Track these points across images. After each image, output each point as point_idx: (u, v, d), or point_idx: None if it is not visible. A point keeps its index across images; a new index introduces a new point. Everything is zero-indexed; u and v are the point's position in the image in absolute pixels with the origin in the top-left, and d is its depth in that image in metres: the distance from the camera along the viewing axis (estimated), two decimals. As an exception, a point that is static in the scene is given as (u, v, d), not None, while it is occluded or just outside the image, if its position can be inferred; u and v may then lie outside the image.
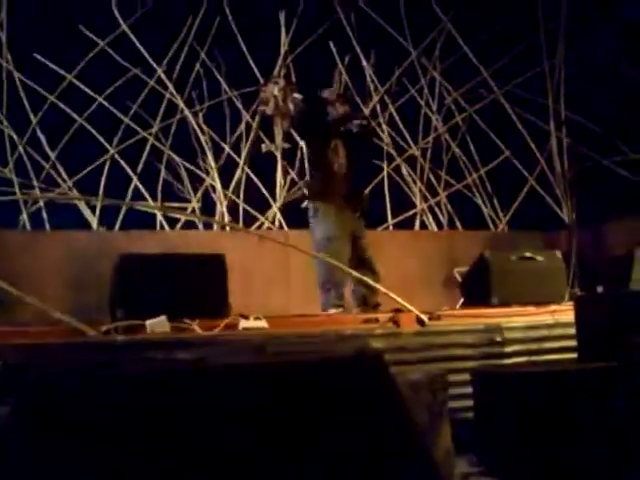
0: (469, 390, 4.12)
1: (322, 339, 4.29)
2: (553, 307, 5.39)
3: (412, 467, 1.97)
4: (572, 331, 4.59)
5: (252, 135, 8.58)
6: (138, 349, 4.29)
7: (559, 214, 8.99)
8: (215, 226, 8.30)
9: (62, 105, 8.01)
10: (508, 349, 4.85)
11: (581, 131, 8.84)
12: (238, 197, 8.48)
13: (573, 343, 4.55)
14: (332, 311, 5.95)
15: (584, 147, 8.78)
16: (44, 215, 7.72)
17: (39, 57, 7.87)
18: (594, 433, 3.48)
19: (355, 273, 5.86)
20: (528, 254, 6.08)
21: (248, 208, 8.48)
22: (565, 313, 5.12)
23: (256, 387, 1.80)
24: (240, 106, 8.76)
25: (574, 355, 4.50)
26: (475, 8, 8.89)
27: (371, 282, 5.70)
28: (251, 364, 1.94)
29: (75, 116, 8.05)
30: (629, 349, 3.74)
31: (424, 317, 4.93)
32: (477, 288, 5.96)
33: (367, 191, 7.68)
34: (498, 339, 4.86)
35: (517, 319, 5.09)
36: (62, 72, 8.02)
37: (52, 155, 7.91)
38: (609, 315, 3.96)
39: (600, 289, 6.24)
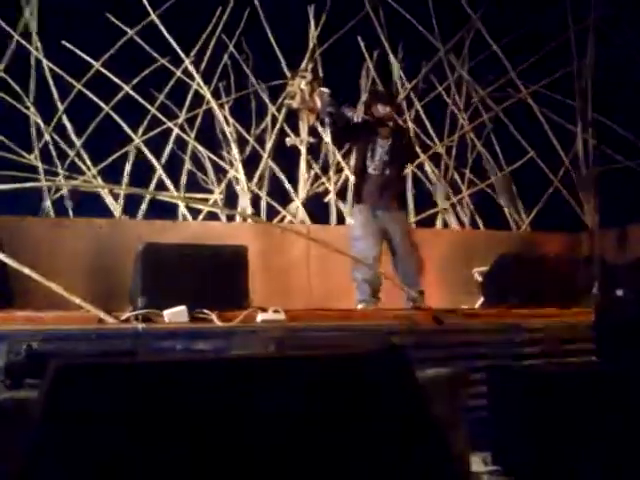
0: (485, 389, 4.11)
1: (340, 334, 4.30)
2: (573, 309, 5.38)
3: (431, 462, 1.97)
4: (591, 334, 4.57)
5: (277, 128, 8.59)
6: (156, 338, 4.32)
7: (582, 217, 8.94)
8: (237, 218, 8.31)
9: (89, 93, 8.05)
10: (526, 350, 4.84)
11: (607, 133, 8.77)
12: (261, 189, 8.49)
13: (592, 346, 4.53)
14: (360, 307, 5.99)
15: (610, 149, 8.72)
16: (68, 202, 7.77)
17: (68, 45, 7.91)
18: (609, 435, 3.46)
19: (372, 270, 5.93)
20: (549, 255, 6.06)
21: (271, 201, 8.49)
22: (585, 315, 5.09)
23: (274, 380, 1.80)
24: (266, 99, 8.76)
25: (591, 357, 4.48)
26: (504, 6, 8.85)
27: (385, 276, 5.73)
28: (273, 357, 1.94)
29: (102, 104, 8.08)
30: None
31: (443, 315, 4.93)
32: (497, 288, 5.95)
33: None
34: (517, 339, 4.86)
35: (536, 320, 5.08)
36: (90, 60, 8.05)
37: (77, 143, 7.95)
38: (628, 318, 3.93)
39: (620, 292, 6.21)
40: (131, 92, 8.20)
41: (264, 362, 1.88)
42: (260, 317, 4.69)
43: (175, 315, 4.58)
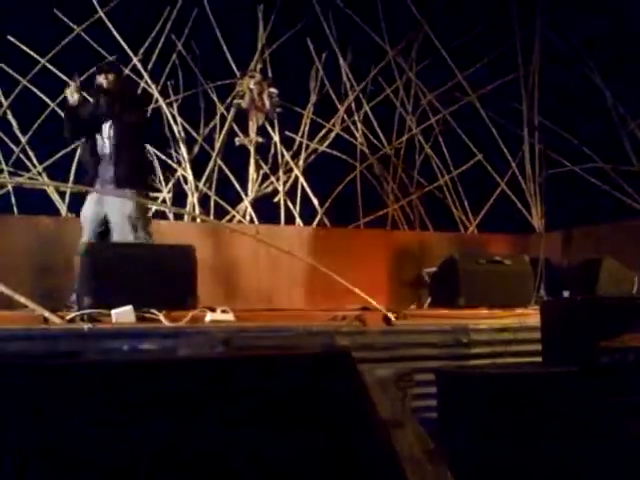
0: (433, 390, 4.13)
1: (288, 334, 4.29)
2: (519, 310, 5.43)
3: (377, 463, 1.97)
4: (537, 335, 4.62)
5: (226, 128, 8.55)
6: (103, 338, 4.26)
7: (528, 219, 9.07)
8: (186, 217, 8.26)
9: (34, 89, 7.93)
10: (474, 350, 4.88)
11: (553, 138, 8.91)
12: (210, 189, 8.45)
13: (538, 347, 4.58)
14: None
15: (555, 153, 8.86)
16: (12, 199, 7.64)
17: (13, 40, 7.78)
18: (555, 435, 3.51)
19: None
20: (496, 257, 6.13)
21: (219, 201, 8.45)
22: (531, 317, 5.15)
23: (221, 381, 1.79)
24: (215, 98, 8.72)
25: (538, 359, 4.53)
26: (452, 11, 8.93)
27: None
28: (217, 358, 1.93)
29: (48, 101, 7.97)
30: (594, 354, 3.77)
31: (391, 316, 4.94)
32: (445, 289, 6.00)
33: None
34: (464, 340, 4.89)
35: (483, 321, 5.12)
36: (36, 56, 7.93)
37: (23, 139, 7.83)
38: (574, 320, 3.99)
39: (566, 294, 6.30)
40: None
41: (208, 364, 1.86)
42: (209, 317, 4.66)
43: (122, 315, 4.52)
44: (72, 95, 5.94)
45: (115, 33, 8.25)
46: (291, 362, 1.91)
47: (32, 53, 7.92)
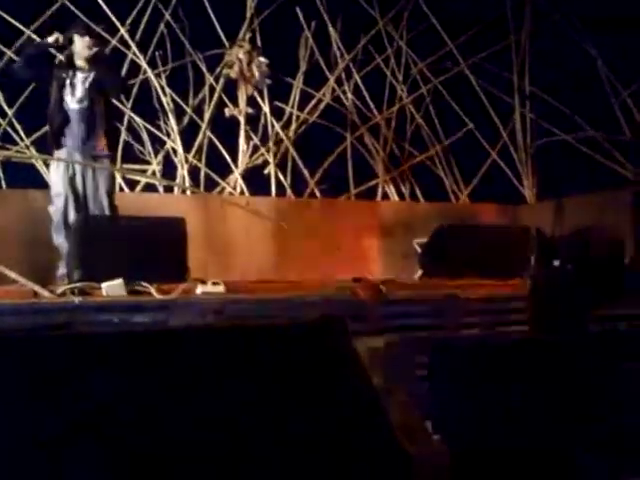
0: (425, 360, 4.14)
1: (280, 305, 4.29)
2: (513, 281, 5.44)
3: (372, 429, 1.98)
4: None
5: (215, 99, 8.48)
6: (93, 311, 4.26)
7: (520, 189, 9.07)
8: (176, 190, 8.22)
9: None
10: (465, 320, 4.89)
11: (545, 107, 8.89)
12: (200, 161, 8.40)
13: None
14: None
15: (547, 123, 8.85)
16: (0, 173, 7.59)
17: (-2, 11, 7.68)
18: (545, 404, 3.52)
19: None
20: (488, 227, 6.12)
21: (209, 172, 8.41)
22: (523, 287, 5.15)
23: (217, 350, 1.78)
24: (204, 69, 8.64)
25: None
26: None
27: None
28: (212, 326, 1.92)
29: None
30: (584, 323, 3.78)
31: (383, 286, 4.94)
32: (436, 259, 6.00)
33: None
34: (455, 310, 4.90)
35: (475, 291, 5.13)
36: (21, 27, 7.83)
37: (9, 112, 7.75)
38: (564, 289, 3.99)
39: (557, 263, 6.30)
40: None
41: (200, 332, 1.86)
42: (199, 289, 4.65)
43: (113, 288, 4.52)
44: (56, 37, 5.89)
45: (101, 2, 8.14)
46: (285, 330, 1.91)
47: (17, 24, 7.82)
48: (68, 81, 5.91)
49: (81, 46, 5.97)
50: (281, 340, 1.88)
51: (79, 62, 5.98)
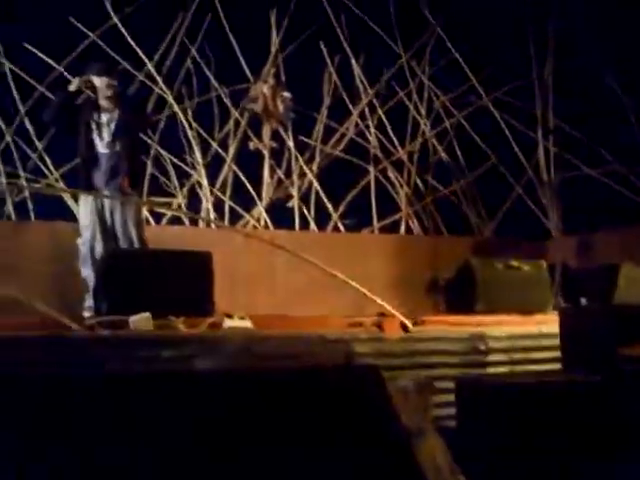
0: (451, 398, 4.12)
1: (307, 342, 4.28)
2: (538, 317, 5.40)
3: (403, 473, 1.97)
4: (556, 342, 4.60)
5: (240, 133, 8.56)
6: (121, 345, 4.26)
7: (545, 223, 9.04)
8: (200, 222, 8.27)
9: (51, 96, 7.94)
10: (491, 358, 4.85)
11: (569, 140, 8.89)
12: (224, 194, 8.46)
13: (556, 354, 4.56)
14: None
15: (571, 156, 8.84)
16: (29, 205, 7.67)
17: (30, 47, 7.81)
18: (573, 444, 3.49)
19: None
20: (514, 263, 6.10)
21: (234, 205, 8.46)
22: (549, 323, 5.12)
23: (246, 394, 1.79)
24: (229, 103, 8.73)
25: (557, 366, 4.51)
26: (466, 14, 8.92)
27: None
28: (241, 369, 1.93)
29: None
30: (614, 362, 3.75)
31: (408, 322, 4.93)
32: (461, 295, 5.98)
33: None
34: (482, 347, 4.86)
35: (501, 328, 5.09)
36: (52, 63, 7.96)
37: (40, 146, 7.85)
38: (594, 328, 3.97)
39: (583, 300, 6.27)
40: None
41: (235, 376, 1.87)
42: (226, 323, 4.67)
43: (140, 321, 4.53)
44: (76, 83, 5.94)
45: (129, 39, 8.26)
46: (316, 373, 1.92)
47: (48, 60, 7.94)
48: (94, 124, 5.97)
49: (101, 87, 6.01)
50: (313, 384, 1.89)
51: (102, 103, 6.02)
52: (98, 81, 6.02)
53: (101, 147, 5.95)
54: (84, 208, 5.99)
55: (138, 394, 1.81)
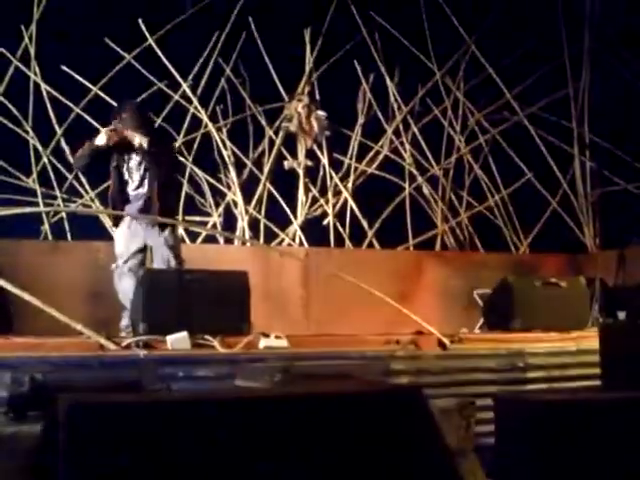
0: (489, 415, 4.08)
1: (345, 361, 4.28)
2: (576, 334, 5.35)
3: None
4: (594, 358, 4.55)
5: (275, 152, 8.59)
6: (158, 365, 4.29)
7: (581, 238, 8.95)
8: (236, 241, 8.29)
9: (87, 117, 8.04)
10: (530, 375, 4.82)
11: (605, 155, 8.81)
12: (259, 213, 8.49)
13: (595, 371, 4.51)
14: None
15: (608, 171, 8.76)
16: (66, 225, 7.75)
17: (66, 69, 7.91)
18: (615, 465, 3.43)
19: None
20: (552, 279, 6.04)
21: (269, 224, 8.48)
22: (588, 340, 5.08)
23: (291, 418, 1.78)
24: (264, 122, 8.77)
25: (595, 383, 4.46)
26: (499, 29, 8.90)
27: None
28: (286, 394, 1.92)
29: (100, 128, 8.05)
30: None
31: (446, 340, 4.90)
32: (499, 312, 5.93)
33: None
34: (520, 364, 4.84)
35: (539, 345, 5.06)
36: (88, 84, 8.06)
37: (76, 166, 7.94)
38: (636, 344, 3.92)
39: (622, 315, 6.19)
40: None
41: (282, 400, 1.86)
42: (262, 343, 4.67)
43: (177, 341, 4.56)
44: (106, 137, 5.96)
45: (164, 59, 8.34)
46: (362, 397, 1.91)
47: (84, 81, 8.04)
48: (125, 166, 6.01)
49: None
50: (358, 406, 1.88)
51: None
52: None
53: (130, 189, 6.01)
54: (119, 236, 6.03)
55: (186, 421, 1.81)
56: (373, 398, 1.92)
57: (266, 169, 8.60)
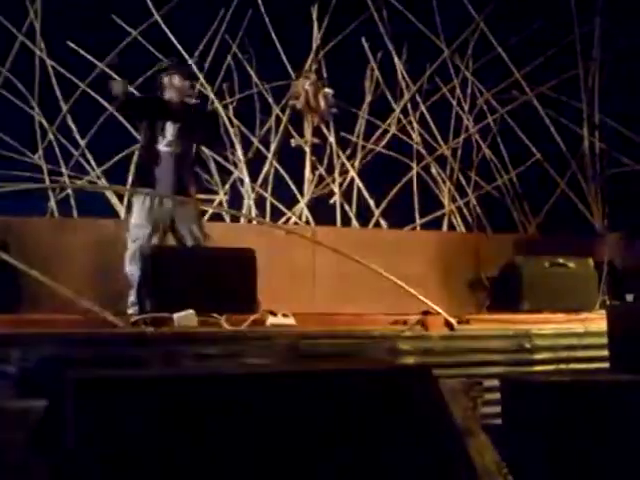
0: (496, 396, 4.07)
1: (352, 340, 4.26)
2: (584, 315, 5.33)
3: (457, 473, 1.96)
4: (602, 340, 4.53)
5: (281, 129, 8.55)
6: (166, 342, 4.27)
7: (590, 220, 8.91)
8: (242, 220, 8.27)
9: (93, 93, 8.00)
10: (537, 356, 4.80)
11: (615, 136, 8.76)
12: (266, 191, 8.46)
13: (603, 353, 4.49)
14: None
15: (617, 152, 8.71)
16: (72, 202, 7.74)
17: (72, 45, 7.87)
18: (621, 447, 3.42)
19: None
20: (560, 260, 6.02)
21: (275, 202, 8.46)
22: (596, 321, 5.05)
23: (304, 396, 1.77)
24: (270, 99, 8.72)
25: (602, 365, 4.44)
26: (509, 8, 8.83)
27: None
28: (294, 371, 1.91)
29: (106, 104, 8.03)
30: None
31: (453, 321, 4.88)
32: (506, 293, 5.92)
33: None
34: (527, 346, 4.81)
35: (547, 326, 5.03)
36: (94, 60, 8.02)
37: (82, 143, 7.91)
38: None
39: (629, 297, 6.17)
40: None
41: (294, 376, 1.85)
42: (270, 321, 4.65)
43: (184, 319, 4.54)
44: (118, 88, 5.89)
45: (170, 35, 8.30)
46: (371, 375, 1.90)
47: (90, 57, 8.00)
48: (160, 121, 5.91)
49: (171, 84, 5.98)
50: (366, 384, 1.87)
51: (170, 99, 5.97)
52: (168, 79, 5.99)
53: (163, 145, 5.91)
54: (139, 206, 5.94)
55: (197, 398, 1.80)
56: (383, 376, 1.91)
57: (273, 147, 8.56)
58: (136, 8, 8.19)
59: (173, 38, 8.32)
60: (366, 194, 8.68)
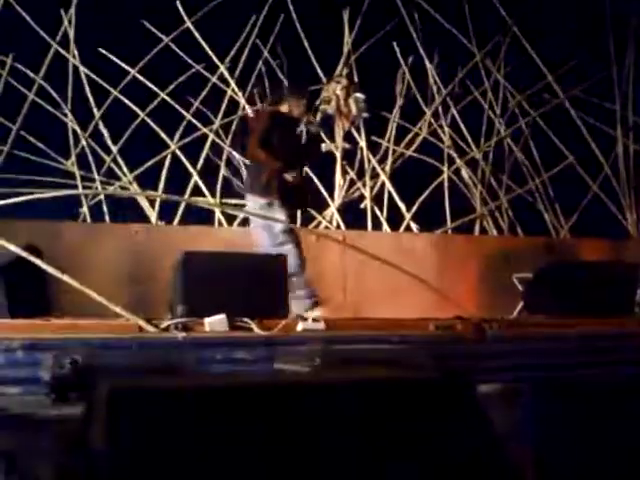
0: (529, 400, 4.03)
1: (383, 346, 4.25)
2: (616, 318, 5.28)
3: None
4: (637, 343, 4.48)
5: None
6: (197, 347, 4.29)
7: (623, 223, 8.82)
8: (273, 224, 8.27)
9: (125, 100, 8.07)
10: (573, 359, 4.75)
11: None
12: (297, 196, 8.45)
13: (638, 356, 4.44)
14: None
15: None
16: (104, 208, 7.79)
17: (104, 52, 7.94)
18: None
19: None
20: (594, 264, 5.96)
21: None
22: (630, 325, 5.00)
23: (344, 406, 1.76)
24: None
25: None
26: (541, 11, 8.77)
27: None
28: (335, 380, 1.89)
29: (138, 111, 8.09)
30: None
31: (485, 325, 4.85)
32: (540, 297, 5.86)
33: None
34: (561, 349, 4.77)
35: (578, 329, 4.99)
36: (126, 67, 8.08)
37: (114, 149, 7.97)
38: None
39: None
40: (167, 98, 8.21)
41: (326, 386, 1.84)
42: (300, 326, 4.65)
43: (215, 323, 4.55)
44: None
45: (202, 42, 8.34)
46: (409, 382, 1.89)
47: (122, 64, 8.07)
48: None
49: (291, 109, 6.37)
50: (404, 391, 1.85)
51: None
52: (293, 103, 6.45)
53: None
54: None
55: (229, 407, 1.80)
56: (419, 385, 1.89)
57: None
58: (168, 14, 8.25)
59: (204, 44, 8.35)
60: (397, 198, 8.64)
